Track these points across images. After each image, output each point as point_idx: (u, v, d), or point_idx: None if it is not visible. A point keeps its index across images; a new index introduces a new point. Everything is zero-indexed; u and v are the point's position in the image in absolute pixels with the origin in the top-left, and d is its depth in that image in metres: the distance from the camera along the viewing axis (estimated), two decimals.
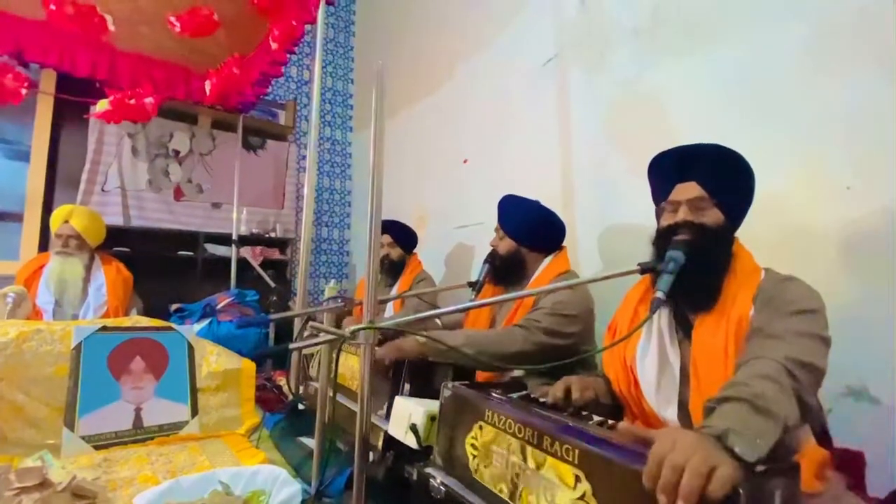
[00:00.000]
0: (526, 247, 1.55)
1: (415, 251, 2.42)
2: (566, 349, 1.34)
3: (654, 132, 1.67)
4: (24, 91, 1.99)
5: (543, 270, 1.52)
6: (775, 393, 0.66)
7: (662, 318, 0.97)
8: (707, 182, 0.95)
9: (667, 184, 1.02)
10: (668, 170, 1.03)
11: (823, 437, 0.89)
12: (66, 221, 2.09)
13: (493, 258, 1.58)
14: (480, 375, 1.49)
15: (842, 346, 0.81)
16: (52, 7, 1.68)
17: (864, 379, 1.12)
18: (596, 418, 0.74)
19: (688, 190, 0.97)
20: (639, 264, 0.96)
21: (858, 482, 0.87)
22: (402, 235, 2.34)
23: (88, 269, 2.14)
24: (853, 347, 0.95)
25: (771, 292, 0.86)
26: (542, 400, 0.87)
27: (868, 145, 1.16)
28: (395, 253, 2.32)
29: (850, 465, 0.88)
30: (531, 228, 1.56)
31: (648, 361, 0.97)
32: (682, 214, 0.96)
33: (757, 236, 1.00)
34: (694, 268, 0.90)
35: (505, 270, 1.56)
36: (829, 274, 1.19)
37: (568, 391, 0.95)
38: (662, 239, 0.97)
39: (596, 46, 1.91)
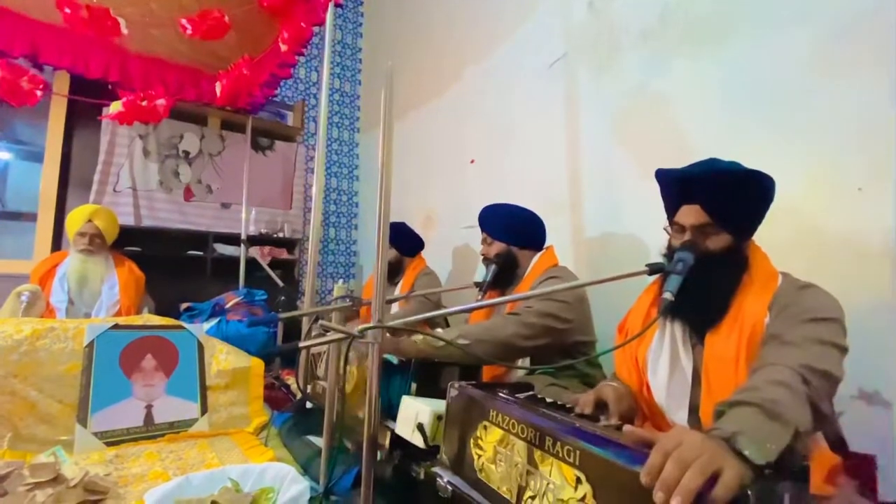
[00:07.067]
0: (516, 246, 1.59)
1: (419, 254, 2.42)
2: (562, 334, 1.36)
3: (663, 135, 1.66)
4: (39, 93, 2.03)
5: (534, 267, 1.55)
6: (787, 398, 0.66)
7: (676, 322, 0.96)
8: (711, 206, 0.92)
9: (672, 202, 1.00)
10: (671, 190, 1.01)
11: (839, 445, 0.88)
12: (90, 220, 2.14)
13: (490, 260, 1.61)
14: (487, 374, 1.49)
15: (854, 348, 0.81)
16: (67, 10, 1.71)
17: (877, 382, 1.11)
18: (603, 420, 0.74)
19: (692, 214, 0.94)
20: (647, 265, 0.96)
21: (870, 486, 0.86)
22: (396, 237, 2.32)
23: (104, 267, 2.18)
24: (865, 350, 0.94)
25: (787, 299, 0.85)
26: (569, 407, 0.82)
27: (880, 146, 1.15)
28: (390, 254, 2.31)
29: (862, 470, 0.87)
30: (516, 226, 1.60)
31: (660, 365, 0.96)
32: (688, 238, 0.95)
33: (768, 239, 0.99)
34: (700, 291, 0.89)
35: (499, 272, 1.58)
36: (841, 275, 1.17)
37: (600, 404, 0.91)
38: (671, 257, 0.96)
39: (604, 49, 1.90)
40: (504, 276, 1.58)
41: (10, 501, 0.84)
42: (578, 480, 0.61)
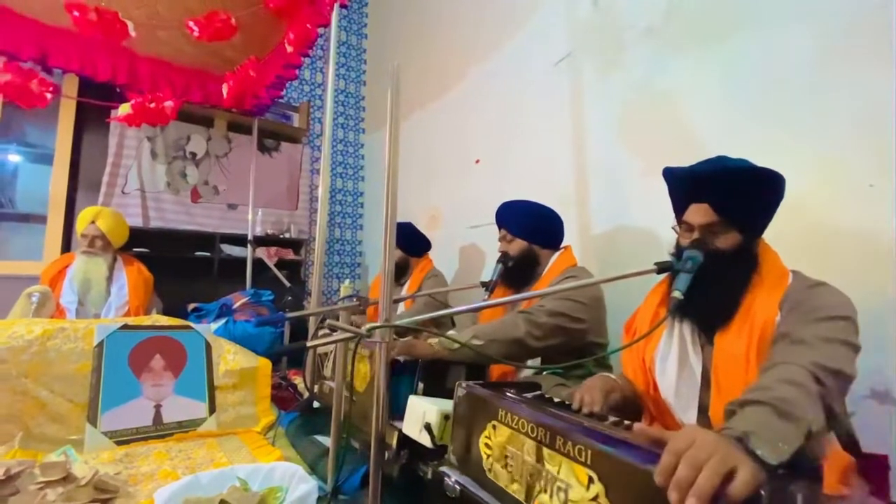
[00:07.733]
0: (537, 244, 1.56)
1: (426, 254, 2.42)
2: (575, 334, 1.34)
3: (669, 132, 1.65)
4: (48, 96, 2.05)
5: (552, 267, 1.53)
6: (800, 398, 0.65)
7: (685, 322, 0.96)
8: (720, 205, 0.91)
9: (680, 201, 0.99)
10: (680, 189, 1.00)
11: (851, 444, 0.87)
12: (93, 222, 2.15)
13: (505, 259, 1.59)
14: (494, 373, 1.49)
15: (866, 347, 0.79)
16: (76, 13, 1.72)
17: (888, 381, 1.09)
18: (612, 419, 0.74)
19: (701, 213, 0.93)
20: (656, 263, 0.95)
21: (882, 486, 0.85)
22: (402, 238, 2.31)
23: (111, 269, 2.20)
24: (877, 349, 0.93)
25: (798, 298, 0.83)
26: (567, 403, 0.83)
27: (890, 142, 1.13)
28: (396, 254, 2.30)
29: (874, 470, 0.86)
30: (538, 225, 1.58)
31: (669, 365, 0.95)
32: (697, 237, 0.94)
33: (779, 236, 0.98)
34: (709, 290, 0.88)
35: (518, 271, 1.56)
36: (852, 273, 1.16)
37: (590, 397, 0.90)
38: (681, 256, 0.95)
39: (609, 46, 1.89)
40: (522, 274, 1.56)
41: (22, 500, 0.85)
42: (591, 480, 0.61)
